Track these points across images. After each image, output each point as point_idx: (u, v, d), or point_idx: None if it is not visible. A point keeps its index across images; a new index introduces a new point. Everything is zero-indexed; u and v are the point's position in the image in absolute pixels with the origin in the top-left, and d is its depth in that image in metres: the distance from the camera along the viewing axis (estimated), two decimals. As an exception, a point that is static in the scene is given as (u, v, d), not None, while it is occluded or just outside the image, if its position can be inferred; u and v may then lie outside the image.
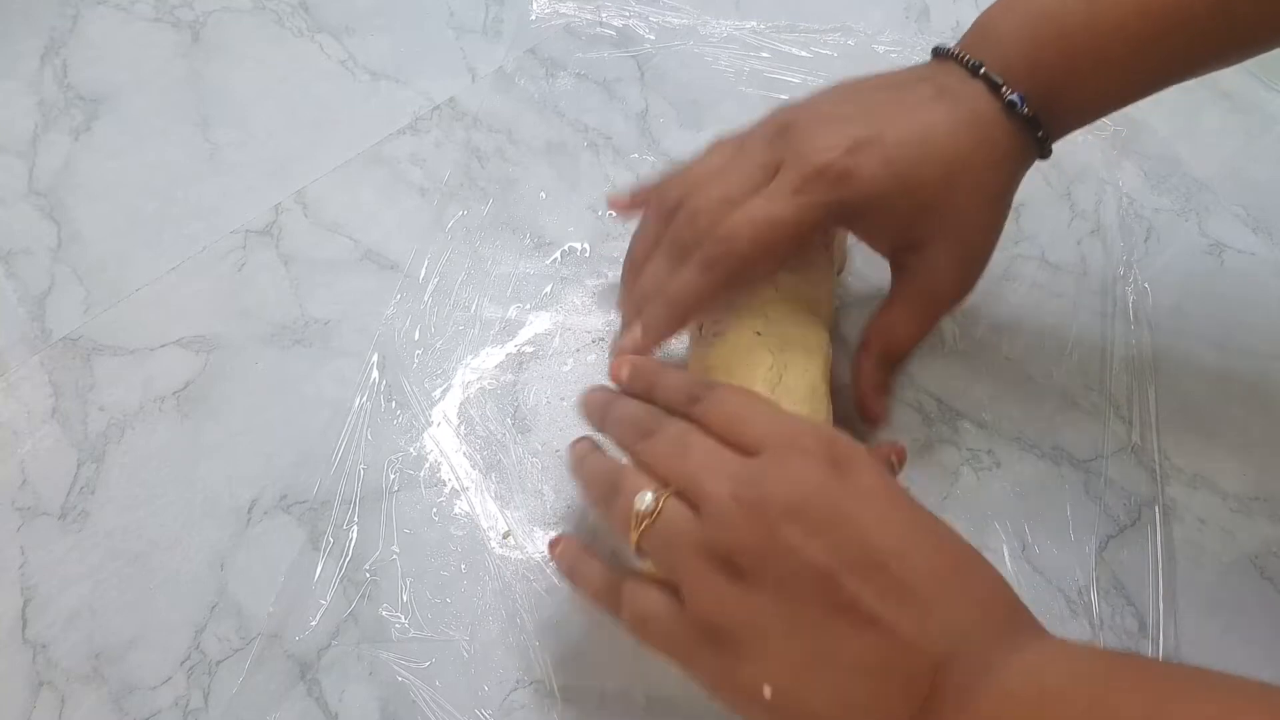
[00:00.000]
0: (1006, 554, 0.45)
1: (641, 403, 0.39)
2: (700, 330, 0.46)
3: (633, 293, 0.44)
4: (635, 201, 0.48)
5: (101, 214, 0.54)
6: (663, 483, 0.34)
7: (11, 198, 0.54)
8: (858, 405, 0.46)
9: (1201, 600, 0.44)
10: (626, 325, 0.44)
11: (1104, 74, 0.41)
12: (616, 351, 0.44)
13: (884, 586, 0.30)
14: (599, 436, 0.40)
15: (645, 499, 0.34)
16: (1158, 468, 0.48)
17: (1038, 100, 0.41)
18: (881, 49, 0.62)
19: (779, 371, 0.43)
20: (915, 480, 0.47)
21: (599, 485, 0.37)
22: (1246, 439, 0.49)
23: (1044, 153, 0.43)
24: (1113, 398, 0.50)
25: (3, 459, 0.46)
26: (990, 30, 0.42)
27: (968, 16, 0.64)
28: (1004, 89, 0.40)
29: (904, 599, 0.30)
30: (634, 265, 0.46)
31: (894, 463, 0.40)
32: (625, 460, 0.38)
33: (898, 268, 0.45)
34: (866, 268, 0.53)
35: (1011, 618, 0.32)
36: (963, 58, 0.42)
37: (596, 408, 0.41)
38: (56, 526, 0.45)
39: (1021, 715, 0.28)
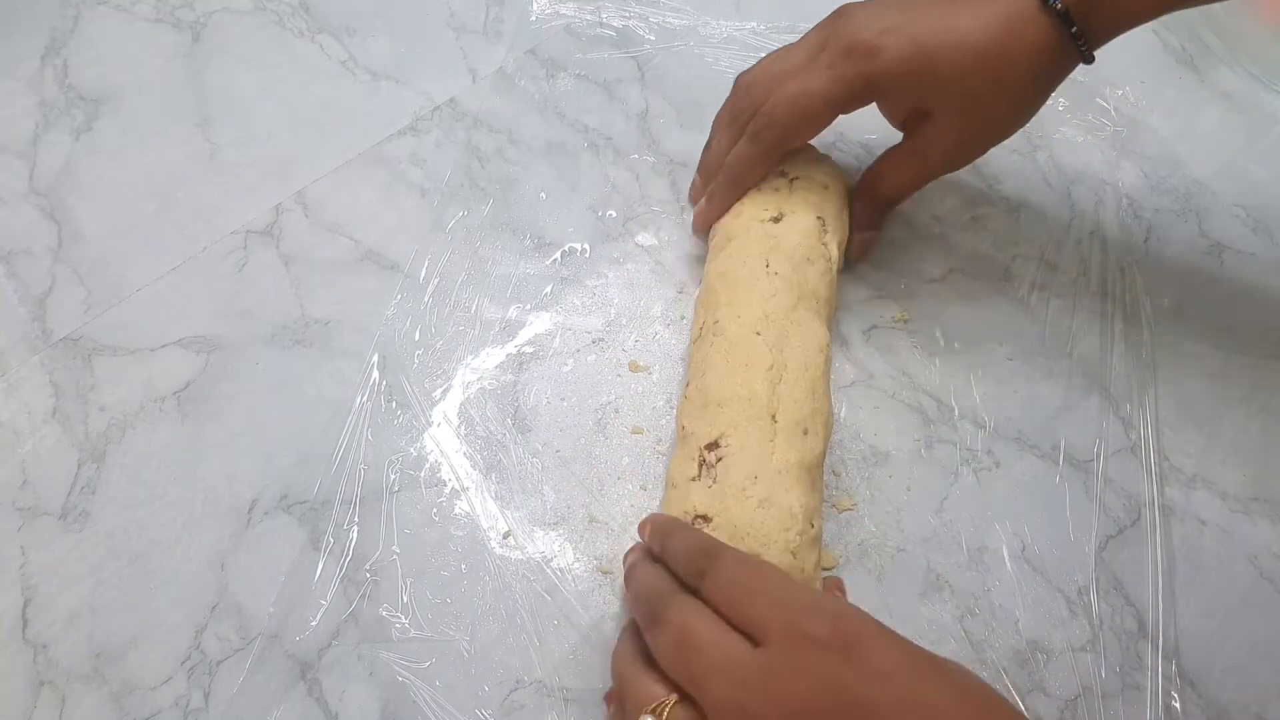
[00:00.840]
0: (1006, 554, 0.45)
1: (658, 571, 0.38)
2: (701, 329, 0.46)
3: (701, 165, 0.53)
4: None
5: (102, 214, 0.54)
6: (669, 685, 0.34)
7: (12, 198, 0.54)
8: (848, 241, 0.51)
9: (1201, 600, 0.44)
10: (697, 197, 0.52)
11: None
12: (693, 220, 0.53)
13: None
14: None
15: None
16: (1157, 468, 0.48)
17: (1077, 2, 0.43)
18: (881, 49, 0.62)
19: (779, 371, 0.43)
20: (915, 481, 0.47)
21: (617, 686, 0.37)
22: (1246, 439, 0.49)
23: (1086, 57, 0.45)
24: (1112, 398, 0.50)
25: (3, 459, 0.46)
26: None
27: (968, 17, 0.64)
28: None
29: None
30: (713, 133, 0.52)
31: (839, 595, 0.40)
32: None
33: (905, 132, 0.49)
34: (864, 266, 0.53)
35: None
36: None
37: (626, 572, 0.40)
38: (57, 526, 0.45)
39: None
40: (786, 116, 0.47)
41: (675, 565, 0.37)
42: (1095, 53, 0.45)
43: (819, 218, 0.49)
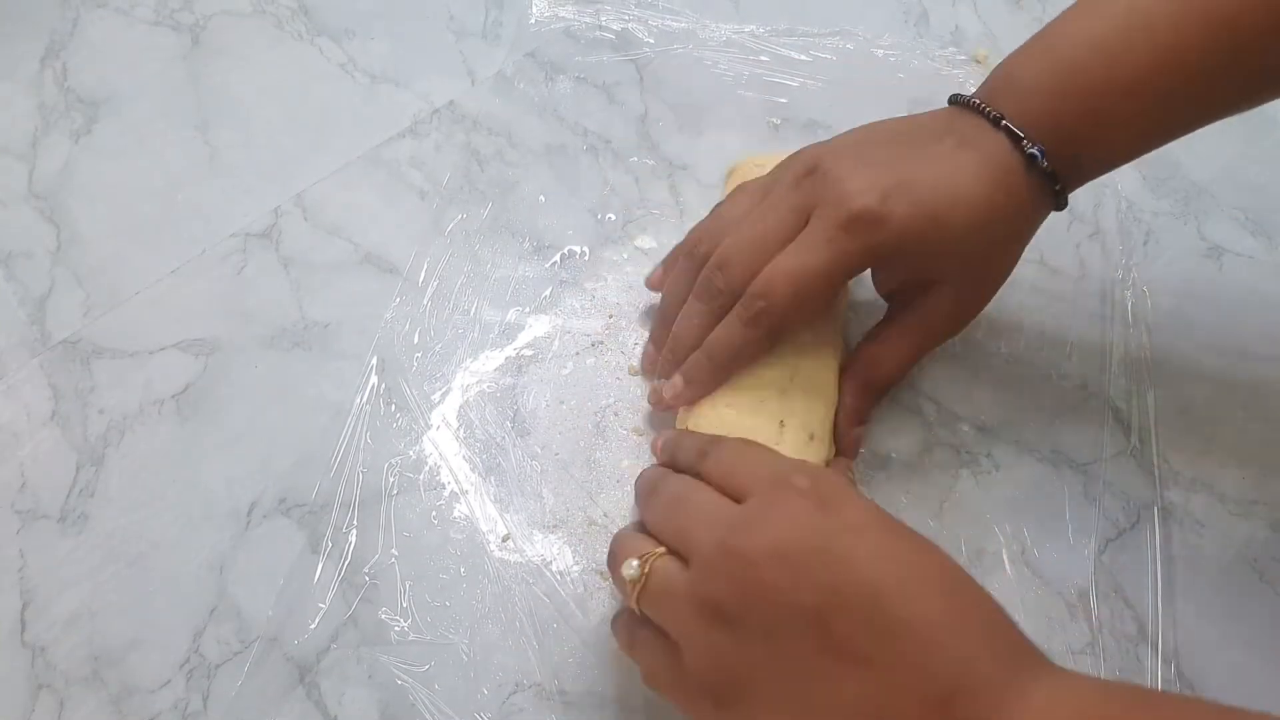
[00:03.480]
0: (1005, 557, 0.45)
1: (663, 468, 0.40)
2: None
3: (670, 341, 0.46)
4: (668, 267, 0.49)
5: (101, 216, 0.54)
6: (656, 542, 0.35)
7: (12, 200, 0.54)
8: (836, 433, 0.45)
9: (1201, 603, 0.44)
10: (665, 374, 0.46)
11: (1122, 126, 0.41)
12: (656, 400, 0.46)
13: (877, 625, 0.29)
14: None
15: (631, 567, 0.35)
16: (1157, 471, 0.48)
17: (1056, 153, 0.41)
18: (880, 53, 0.62)
19: (790, 376, 0.43)
20: (915, 484, 0.47)
21: (610, 554, 0.38)
22: (1245, 442, 0.49)
23: (1059, 204, 0.43)
24: (1112, 401, 0.50)
25: (2, 461, 0.46)
26: (1011, 81, 0.42)
27: (965, 20, 0.64)
28: (1025, 142, 0.40)
29: (899, 636, 0.29)
30: (663, 324, 0.47)
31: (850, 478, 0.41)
32: None
33: (898, 303, 0.45)
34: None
35: (1013, 648, 0.31)
36: (983, 108, 0.41)
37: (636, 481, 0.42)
38: (56, 529, 0.45)
39: None
40: (789, 301, 0.41)
41: (681, 458, 0.39)
42: None
43: None
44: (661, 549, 0.35)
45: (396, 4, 0.63)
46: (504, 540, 0.45)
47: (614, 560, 0.37)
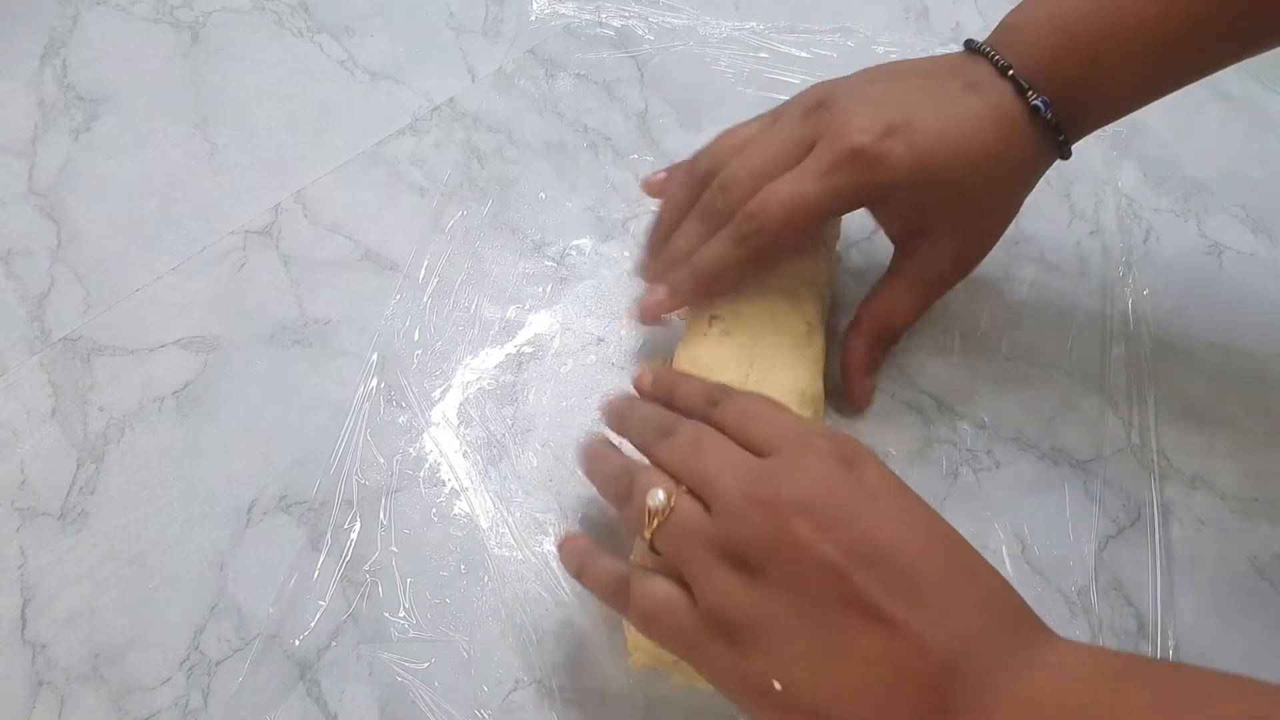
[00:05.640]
0: (1005, 554, 0.45)
1: (660, 407, 0.40)
2: (687, 330, 0.46)
3: (660, 257, 0.46)
4: (669, 175, 0.49)
5: (101, 214, 0.54)
6: (676, 480, 0.35)
7: (11, 198, 0.54)
8: (843, 383, 0.47)
9: (1200, 601, 0.44)
10: (649, 275, 0.47)
11: (1126, 77, 0.42)
12: (638, 310, 0.46)
13: (893, 583, 0.31)
14: (615, 438, 0.41)
15: (658, 496, 0.35)
16: (1157, 468, 0.48)
17: (1060, 103, 0.42)
18: (881, 50, 0.62)
19: (745, 370, 0.43)
20: (914, 481, 0.47)
21: (615, 483, 0.38)
22: (1246, 439, 0.49)
23: (1064, 154, 0.44)
24: (1112, 398, 0.50)
25: (2, 459, 0.46)
26: (1018, 31, 0.43)
27: (967, 17, 0.64)
28: (1030, 93, 0.41)
29: (914, 597, 0.31)
30: (660, 234, 0.47)
31: None
32: (643, 461, 0.38)
33: (902, 251, 0.47)
34: (864, 267, 0.53)
35: (1020, 620, 0.32)
36: (992, 56, 0.43)
37: (616, 411, 0.41)
38: (56, 527, 0.45)
39: None
40: (780, 225, 0.42)
41: (686, 400, 0.39)
42: None
43: None
44: (683, 487, 0.35)
45: (396, 1, 0.63)
46: (504, 537, 0.45)
47: (626, 488, 0.36)
